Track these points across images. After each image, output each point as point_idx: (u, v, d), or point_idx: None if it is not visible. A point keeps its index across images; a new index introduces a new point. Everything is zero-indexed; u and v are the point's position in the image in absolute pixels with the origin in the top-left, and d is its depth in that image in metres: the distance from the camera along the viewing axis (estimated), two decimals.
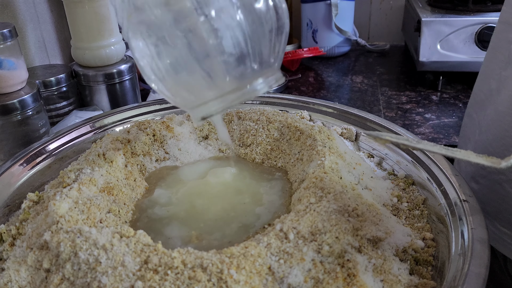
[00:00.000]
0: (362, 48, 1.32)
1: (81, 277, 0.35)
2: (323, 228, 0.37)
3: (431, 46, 0.99)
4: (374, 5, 1.35)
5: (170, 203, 0.48)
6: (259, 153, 0.56)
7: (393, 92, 1.03)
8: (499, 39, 0.52)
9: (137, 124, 0.57)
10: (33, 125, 0.70)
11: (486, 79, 0.55)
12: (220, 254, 0.35)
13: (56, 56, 0.95)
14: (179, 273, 0.34)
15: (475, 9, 0.99)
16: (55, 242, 0.37)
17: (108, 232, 0.38)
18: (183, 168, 0.54)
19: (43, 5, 0.90)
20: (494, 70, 0.53)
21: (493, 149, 0.51)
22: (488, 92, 0.54)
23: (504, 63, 0.50)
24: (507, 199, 0.50)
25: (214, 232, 0.44)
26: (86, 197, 0.43)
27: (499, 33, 0.53)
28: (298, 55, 1.14)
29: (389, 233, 0.40)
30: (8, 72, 0.68)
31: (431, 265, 0.40)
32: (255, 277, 0.34)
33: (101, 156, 0.49)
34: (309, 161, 0.49)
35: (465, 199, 0.43)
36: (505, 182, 0.50)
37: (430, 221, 0.46)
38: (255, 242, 0.36)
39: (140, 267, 0.35)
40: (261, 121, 0.57)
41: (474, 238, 0.38)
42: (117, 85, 0.84)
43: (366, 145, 0.59)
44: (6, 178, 0.51)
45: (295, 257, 0.35)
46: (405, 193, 0.50)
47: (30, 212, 0.44)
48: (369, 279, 0.36)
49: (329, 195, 0.41)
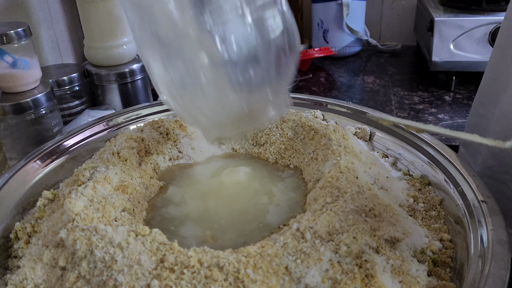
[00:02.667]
0: (373, 48, 1.31)
1: (97, 275, 0.35)
2: (340, 228, 0.36)
3: (444, 46, 0.98)
4: (385, 5, 1.34)
5: (183, 202, 0.48)
6: (273, 152, 0.55)
7: (406, 93, 1.02)
8: (506, 37, 0.52)
9: (151, 123, 0.57)
10: (47, 124, 0.71)
11: (493, 78, 0.54)
12: (236, 254, 0.35)
13: (69, 56, 0.95)
14: (196, 272, 0.34)
15: (488, 8, 0.98)
16: (71, 240, 0.37)
17: (123, 230, 0.38)
18: (197, 167, 0.54)
19: (57, 5, 0.90)
20: (500, 69, 0.52)
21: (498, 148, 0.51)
22: (494, 90, 0.53)
23: (510, 61, 0.50)
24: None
25: (229, 232, 0.43)
26: (101, 195, 0.43)
27: (506, 30, 0.52)
28: (309, 55, 1.14)
29: (406, 233, 0.39)
30: (22, 71, 0.69)
31: (449, 267, 0.40)
32: (272, 277, 0.33)
33: (116, 154, 0.49)
34: (324, 160, 0.48)
35: (484, 200, 0.42)
36: (511, 182, 0.49)
37: (447, 222, 0.45)
38: (271, 241, 0.36)
39: (156, 265, 0.34)
40: (275, 120, 0.57)
41: (493, 239, 0.37)
42: (129, 85, 0.84)
43: (380, 145, 0.58)
44: (21, 176, 0.52)
45: (312, 257, 0.35)
46: (421, 193, 0.49)
47: (45, 210, 0.44)
48: (388, 280, 0.35)
49: (346, 195, 0.40)
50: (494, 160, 0.52)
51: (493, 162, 0.52)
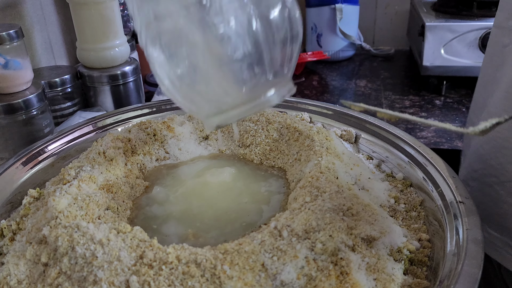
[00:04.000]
0: (366, 53, 1.32)
1: (78, 271, 0.35)
2: (317, 226, 0.37)
3: (435, 50, 0.99)
4: (379, 10, 1.35)
5: (168, 201, 0.49)
6: (258, 153, 0.56)
7: (397, 96, 1.03)
8: (494, 43, 0.53)
9: (139, 124, 0.58)
10: (38, 124, 0.71)
11: (484, 84, 0.55)
12: (214, 250, 0.36)
13: (62, 58, 0.96)
14: (174, 268, 0.34)
15: (479, 14, 0.99)
16: (53, 236, 0.38)
17: (105, 228, 0.39)
18: (182, 167, 0.54)
19: (50, 7, 0.91)
20: (490, 75, 0.53)
21: (484, 151, 0.51)
22: (483, 96, 0.54)
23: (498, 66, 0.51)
24: (499, 202, 0.50)
25: (211, 231, 0.44)
26: (86, 193, 0.43)
27: (494, 37, 0.53)
28: (302, 58, 1.15)
29: (384, 232, 0.40)
30: (14, 72, 0.69)
31: (426, 266, 0.40)
32: (248, 273, 0.34)
33: (102, 154, 0.50)
34: (306, 161, 0.49)
35: (461, 201, 0.43)
36: (497, 185, 0.50)
37: (427, 222, 0.46)
38: (249, 239, 0.37)
39: (135, 262, 0.35)
40: (261, 122, 0.57)
41: (468, 238, 0.38)
42: (121, 87, 0.85)
43: (366, 147, 0.59)
44: (9, 175, 0.52)
45: (288, 254, 0.35)
46: (403, 194, 0.50)
47: (30, 207, 0.45)
48: (362, 277, 0.36)
49: (325, 194, 0.41)
50: (480, 163, 0.53)
51: (479, 165, 0.53)
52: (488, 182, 0.51)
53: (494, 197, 0.50)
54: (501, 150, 0.49)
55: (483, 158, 0.52)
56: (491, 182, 0.51)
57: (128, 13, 0.96)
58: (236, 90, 0.38)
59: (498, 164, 0.49)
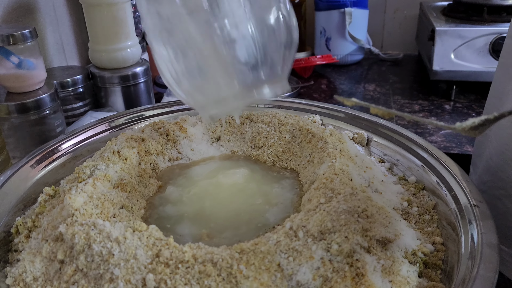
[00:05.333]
0: (375, 57, 1.32)
1: (94, 269, 0.36)
2: (332, 228, 0.37)
3: (444, 55, 0.99)
4: (388, 14, 1.35)
5: (181, 201, 0.49)
6: (271, 155, 0.56)
7: (406, 101, 1.03)
8: (508, 54, 0.52)
9: (152, 124, 0.58)
10: (50, 124, 0.72)
11: (496, 96, 0.54)
12: (230, 250, 0.36)
13: (74, 58, 0.97)
14: (190, 267, 0.34)
15: (489, 19, 0.99)
16: (70, 234, 0.38)
17: (121, 226, 0.39)
18: (195, 168, 0.55)
19: (63, 9, 0.92)
20: (503, 86, 0.52)
21: (493, 163, 0.51)
22: (496, 107, 0.53)
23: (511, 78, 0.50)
24: (507, 215, 0.49)
25: (224, 231, 0.44)
26: (101, 192, 0.44)
27: (508, 47, 0.52)
28: (311, 62, 1.15)
29: (398, 235, 0.40)
30: (27, 72, 0.70)
31: (440, 269, 0.40)
32: (264, 273, 0.34)
33: (116, 153, 0.50)
34: (320, 163, 0.49)
35: (476, 204, 0.43)
36: (505, 197, 0.49)
37: (440, 226, 0.46)
38: (265, 239, 0.37)
39: (151, 260, 0.35)
40: (273, 124, 0.58)
41: (483, 242, 0.38)
42: (132, 87, 0.85)
43: (377, 150, 0.59)
44: (23, 173, 0.53)
45: (304, 255, 0.35)
46: (416, 198, 0.50)
47: (46, 205, 0.45)
48: (378, 280, 0.36)
49: (339, 196, 0.41)
50: (489, 175, 0.52)
51: (487, 177, 0.52)
52: (496, 194, 0.50)
53: (503, 210, 0.49)
54: (509, 163, 0.48)
55: (492, 170, 0.51)
56: (500, 195, 0.50)
57: (139, 15, 0.96)
58: (231, 85, 0.41)
59: (507, 177, 0.49)
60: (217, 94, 0.42)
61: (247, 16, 0.40)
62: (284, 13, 0.41)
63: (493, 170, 0.51)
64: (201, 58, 0.40)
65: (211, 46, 0.40)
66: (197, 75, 0.41)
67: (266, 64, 0.41)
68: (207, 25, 0.39)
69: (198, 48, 0.40)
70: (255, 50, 0.40)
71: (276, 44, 0.41)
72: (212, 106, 0.42)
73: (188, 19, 0.39)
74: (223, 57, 0.40)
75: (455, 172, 0.48)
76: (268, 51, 0.41)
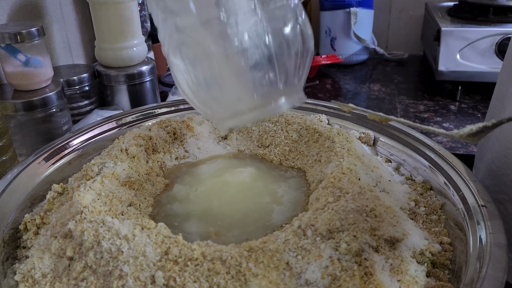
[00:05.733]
0: (380, 57, 1.32)
1: (103, 266, 0.36)
2: (341, 226, 0.37)
3: (450, 55, 0.98)
4: (393, 14, 1.35)
5: (188, 200, 0.49)
6: (277, 154, 0.56)
7: (411, 101, 1.03)
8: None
9: (159, 123, 0.58)
10: (56, 122, 0.72)
11: (498, 97, 0.54)
12: (239, 248, 0.36)
13: (80, 56, 0.97)
14: (199, 264, 0.35)
15: (495, 20, 0.99)
16: (79, 231, 0.38)
17: (129, 223, 0.39)
18: (202, 166, 0.55)
19: (69, 7, 0.92)
20: (505, 88, 0.52)
21: (495, 167, 0.50)
22: (500, 109, 0.53)
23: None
24: (509, 221, 0.49)
25: (232, 230, 0.44)
26: (109, 189, 0.44)
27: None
28: (316, 62, 1.15)
29: (406, 234, 0.40)
30: (34, 70, 0.70)
31: (448, 269, 0.40)
32: (272, 271, 0.34)
33: (124, 151, 0.50)
34: (327, 162, 0.49)
35: (484, 205, 0.43)
36: (507, 202, 0.49)
37: (447, 226, 0.46)
38: (273, 238, 0.37)
39: (160, 257, 0.35)
40: (280, 123, 0.58)
41: (492, 242, 0.38)
42: (138, 86, 0.85)
43: (384, 150, 0.59)
44: (31, 171, 0.53)
45: (313, 254, 0.35)
46: (423, 198, 0.50)
47: (54, 202, 0.45)
48: (386, 279, 0.36)
49: (347, 195, 0.41)
50: (491, 179, 0.52)
51: (490, 181, 0.52)
52: (498, 199, 0.50)
53: (504, 215, 0.49)
54: (511, 167, 0.48)
55: (494, 174, 0.51)
56: (502, 199, 0.50)
57: (145, 14, 0.96)
58: (249, 97, 0.41)
59: (509, 181, 0.49)
60: (234, 106, 0.42)
61: (264, 27, 0.39)
62: (300, 23, 0.41)
63: (496, 174, 0.51)
64: (218, 69, 0.40)
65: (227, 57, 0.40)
66: (214, 86, 0.41)
67: (283, 75, 0.41)
68: (224, 36, 0.39)
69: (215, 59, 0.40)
70: (272, 61, 0.40)
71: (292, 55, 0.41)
72: (229, 118, 0.42)
73: (204, 30, 0.39)
74: (240, 68, 0.40)
75: (463, 172, 0.48)
76: (285, 62, 0.41)
